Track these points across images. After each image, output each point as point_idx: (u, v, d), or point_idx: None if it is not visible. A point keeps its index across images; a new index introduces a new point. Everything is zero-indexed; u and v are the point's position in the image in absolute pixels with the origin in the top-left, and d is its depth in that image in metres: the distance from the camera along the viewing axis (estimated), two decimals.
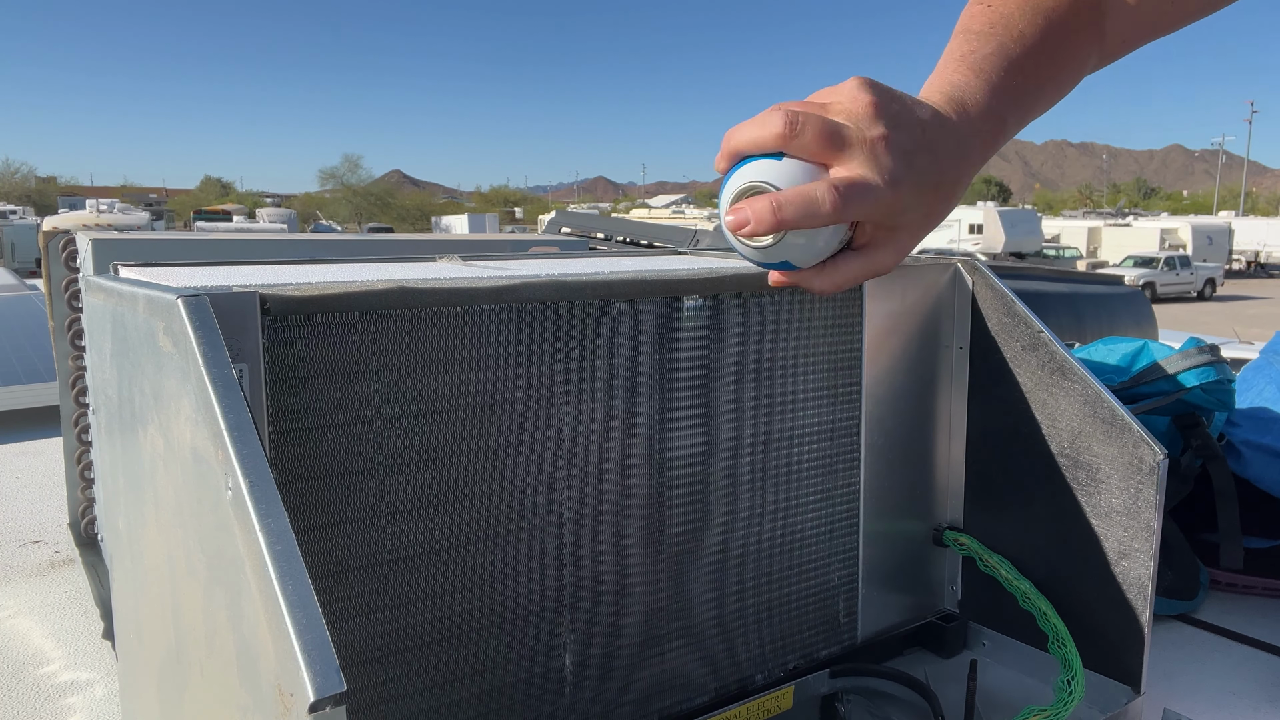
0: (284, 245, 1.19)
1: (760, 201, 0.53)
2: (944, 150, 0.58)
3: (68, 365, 1.09)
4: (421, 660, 0.65)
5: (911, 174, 0.55)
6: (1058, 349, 0.84)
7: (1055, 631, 0.83)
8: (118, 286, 0.60)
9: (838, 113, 0.55)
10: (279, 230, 14.77)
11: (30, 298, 2.65)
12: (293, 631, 0.37)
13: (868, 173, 0.54)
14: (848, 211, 0.53)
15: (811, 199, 0.53)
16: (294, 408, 0.58)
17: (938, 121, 0.58)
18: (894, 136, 0.55)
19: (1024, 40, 0.66)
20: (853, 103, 0.55)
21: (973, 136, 0.61)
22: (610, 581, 0.74)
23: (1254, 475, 1.10)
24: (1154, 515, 0.79)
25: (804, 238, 0.55)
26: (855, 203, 0.53)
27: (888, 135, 0.54)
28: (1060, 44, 0.68)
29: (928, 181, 0.57)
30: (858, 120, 0.55)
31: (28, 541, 1.31)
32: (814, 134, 0.54)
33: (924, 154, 0.56)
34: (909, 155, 0.55)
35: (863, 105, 0.55)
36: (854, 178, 0.54)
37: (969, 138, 0.60)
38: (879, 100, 0.55)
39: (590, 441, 0.71)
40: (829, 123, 0.54)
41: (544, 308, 0.68)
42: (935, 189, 0.58)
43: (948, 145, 0.58)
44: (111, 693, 0.91)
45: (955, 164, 0.59)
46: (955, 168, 0.59)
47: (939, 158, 0.57)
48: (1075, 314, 2.15)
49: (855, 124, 0.55)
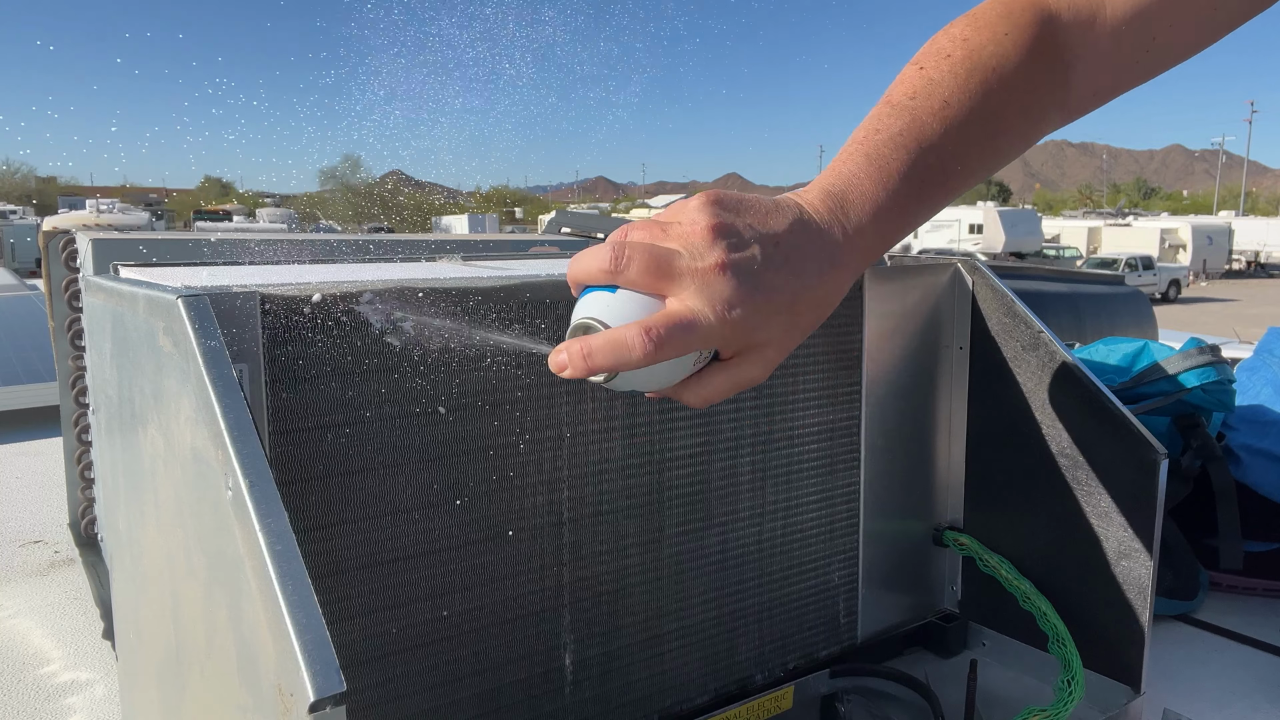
0: (284, 245, 1.19)
1: (574, 347, 0.51)
2: (804, 263, 0.54)
3: (68, 365, 1.09)
4: (421, 660, 0.65)
5: (757, 295, 0.52)
6: (1058, 349, 0.84)
7: (1055, 631, 0.83)
8: (118, 286, 0.60)
9: (675, 238, 0.52)
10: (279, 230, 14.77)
11: (30, 298, 2.65)
12: (293, 631, 0.37)
13: (697, 305, 0.51)
14: (664, 353, 0.50)
15: (621, 345, 0.50)
16: (294, 408, 0.58)
17: (800, 230, 0.54)
18: (732, 260, 0.51)
19: (947, 111, 0.60)
20: (691, 226, 0.52)
21: (852, 239, 0.56)
22: (610, 581, 0.74)
23: (1253, 480, 1.10)
24: (1154, 515, 0.79)
25: (643, 371, 0.52)
26: (674, 343, 0.50)
27: (723, 261, 0.51)
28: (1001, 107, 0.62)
29: (780, 300, 0.53)
30: (692, 246, 0.51)
31: (28, 541, 1.31)
32: (640, 267, 0.51)
33: (774, 272, 0.52)
34: (753, 276, 0.52)
35: (700, 230, 0.52)
36: (674, 316, 0.50)
37: (844, 243, 0.56)
38: (719, 222, 0.52)
39: (590, 441, 0.71)
40: (656, 254, 0.51)
41: (544, 308, 0.68)
42: (791, 306, 0.53)
43: (811, 256, 0.54)
44: (111, 693, 0.91)
45: (820, 275, 0.54)
46: (820, 279, 0.54)
47: (796, 272, 0.53)
48: (1075, 314, 2.15)
49: (689, 250, 0.51)
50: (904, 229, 0.59)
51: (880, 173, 0.57)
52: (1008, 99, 0.62)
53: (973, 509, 0.94)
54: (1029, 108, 0.64)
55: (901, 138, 0.59)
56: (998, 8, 0.65)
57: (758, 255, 0.52)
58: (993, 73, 0.62)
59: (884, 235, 0.58)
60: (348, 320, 0.60)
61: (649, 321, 0.50)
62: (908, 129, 0.59)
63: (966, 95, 0.61)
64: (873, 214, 0.56)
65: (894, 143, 0.58)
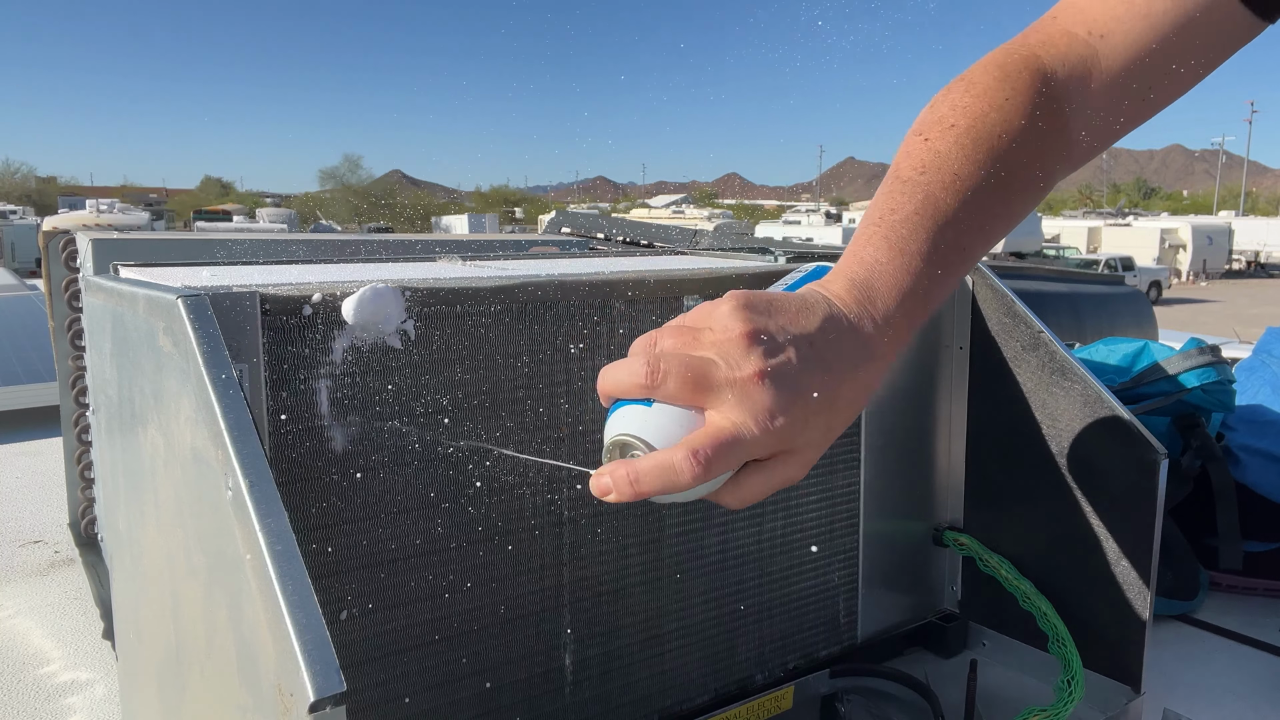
0: (284, 245, 1.19)
1: (620, 471, 0.50)
2: (840, 360, 0.53)
3: (68, 365, 1.09)
4: (421, 660, 0.65)
5: (798, 401, 0.50)
6: (1058, 349, 0.84)
7: (1055, 631, 0.83)
8: (118, 286, 0.60)
9: (709, 345, 0.51)
10: (279, 230, 14.77)
11: (30, 298, 2.65)
12: (293, 631, 0.37)
13: (739, 418, 0.49)
14: (714, 472, 0.49)
15: (669, 469, 0.49)
16: (294, 408, 0.58)
17: (832, 327, 0.53)
18: (770, 367, 0.50)
19: (959, 184, 0.59)
20: (724, 333, 0.51)
21: (882, 329, 0.55)
22: (610, 581, 0.74)
23: (1252, 480, 1.10)
24: (1154, 515, 0.79)
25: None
26: (722, 461, 0.49)
27: (763, 370, 0.49)
28: (1010, 173, 0.61)
29: (820, 402, 0.51)
30: (728, 355, 0.50)
31: (28, 541, 1.31)
32: (678, 381, 0.50)
33: (812, 374, 0.51)
34: (792, 382, 0.50)
35: (734, 337, 0.50)
36: (720, 434, 0.49)
37: (875, 335, 0.54)
38: (753, 328, 0.50)
39: (590, 442, 0.71)
40: (694, 365, 0.50)
41: (544, 308, 0.68)
42: (830, 406, 0.52)
43: (845, 353, 0.53)
44: (111, 693, 0.91)
45: (855, 371, 0.53)
46: (855, 374, 0.53)
47: (833, 372, 0.52)
48: (1075, 314, 2.15)
49: (725, 359, 0.50)
50: (930, 309, 0.58)
51: (902, 256, 0.56)
52: (1016, 164, 0.61)
53: (973, 509, 0.94)
54: (1037, 168, 0.63)
55: (918, 217, 0.58)
56: (994, 71, 0.64)
57: (794, 359, 0.51)
58: (999, 140, 0.61)
59: (912, 319, 0.57)
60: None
61: (695, 443, 0.49)
62: (923, 207, 0.58)
63: (975, 166, 0.60)
64: (899, 301, 0.56)
65: (911, 223, 0.58)
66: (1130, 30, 0.64)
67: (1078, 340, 1.59)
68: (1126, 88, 0.65)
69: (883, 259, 0.56)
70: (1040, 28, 0.67)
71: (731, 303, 0.52)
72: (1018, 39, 0.67)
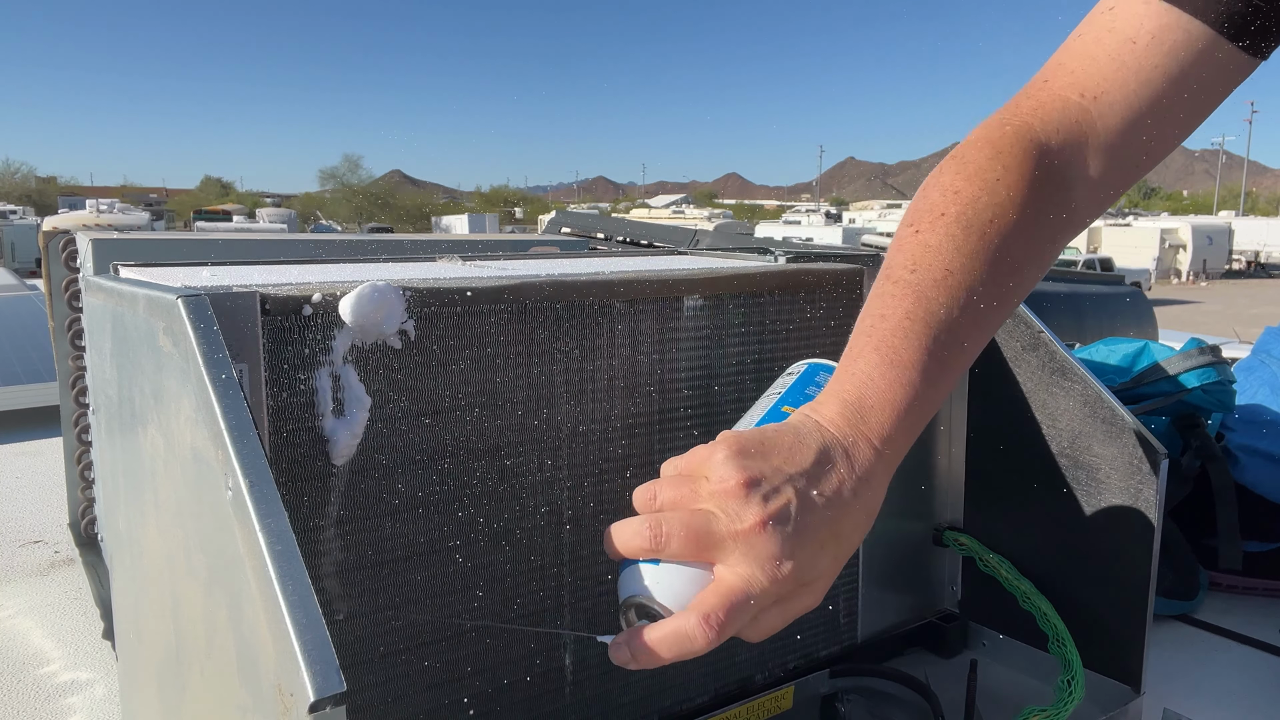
0: (284, 245, 1.19)
1: (637, 640, 0.50)
2: (839, 490, 0.52)
3: (68, 365, 1.09)
4: (421, 660, 0.65)
5: (803, 541, 0.50)
6: (1058, 349, 0.84)
7: (1055, 631, 0.83)
8: (118, 286, 0.60)
9: (707, 497, 0.51)
10: (279, 230, 14.78)
11: (30, 298, 2.65)
12: (293, 631, 0.37)
13: (747, 570, 0.49)
14: (727, 633, 0.49)
15: (684, 637, 0.49)
16: (294, 408, 0.58)
17: (827, 457, 0.52)
18: (770, 513, 0.49)
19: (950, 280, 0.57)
20: (720, 484, 0.50)
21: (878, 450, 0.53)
22: (610, 581, 0.74)
23: (1251, 481, 1.10)
24: (1154, 515, 0.79)
25: None
26: (735, 621, 0.49)
27: (762, 517, 0.49)
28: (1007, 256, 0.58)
29: (825, 535, 0.51)
30: (727, 507, 0.50)
31: (28, 541, 1.31)
32: (681, 541, 0.50)
33: (813, 511, 0.51)
34: (795, 523, 0.50)
35: (731, 487, 0.50)
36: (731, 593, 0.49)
37: (871, 457, 0.53)
38: (748, 476, 0.50)
39: (590, 441, 0.71)
40: (694, 524, 0.50)
41: (544, 308, 0.68)
42: (836, 537, 0.52)
43: (844, 481, 0.52)
44: (111, 693, 0.91)
45: (856, 496, 0.52)
46: (856, 499, 0.52)
47: (834, 503, 0.51)
48: (1075, 314, 2.16)
49: (725, 512, 0.50)
50: (928, 416, 0.56)
51: (893, 368, 0.54)
52: (1012, 245, 0.59)
53: (973, 509, 0.94)
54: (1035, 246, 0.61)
55: (909, 321, 0.56)
56: (985, 149, 0.62)
57: (794, 499, 0.50)
58: (991, 225, 0.58)
59: (910, 430, 0.55)
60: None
61: (707, 606, 0.49)
62: (913, 310, 0.56)
63: (967, 257, 0.57)
64: (893, 417, 0.54)
65: (901, 329, 0.55)
66: (1124, 89, 0.62)
67: (1078, 340, 1.59)
68: (1125, 146, 0.63)
69: (874, 374, 0.55)
70: (1032, 93, 0.65)
71: (725, 450, 0.52)
72: (1009, 106, 0.65)
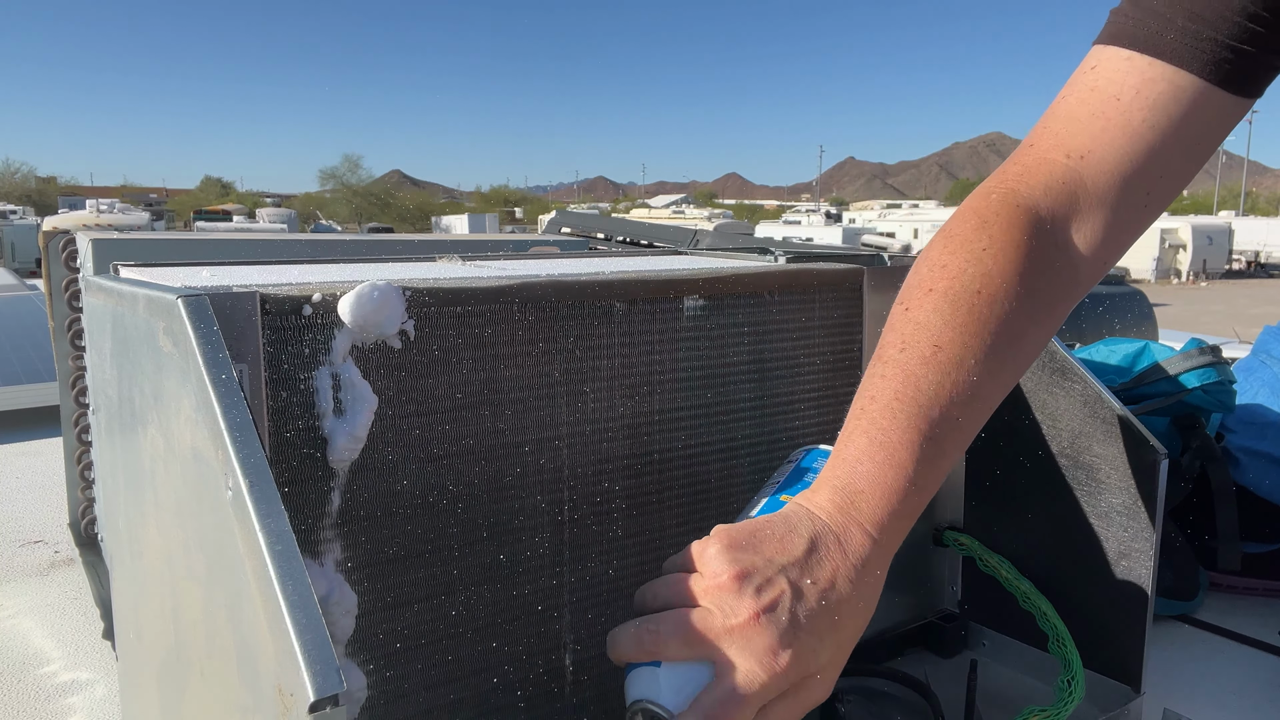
0: (284, 245, 1.19)
1: None
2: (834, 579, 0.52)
3: (68, 365, 1.09)
4: (421, 660, 0.65)
5: (800, 633, 0.50)
6: (1058, 349, 0.84)
7: (1055, 631, 0.83)
8: (118, 286, 0.60)
9: (702, 593, 0.51)
10: (279, 230, 14.78)
11: (30, 298, 2.65)
12: (293, 631, 0.37)
13: (745, 665, 0.49)
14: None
15: None
16: (294, 408, 0.58)
17: (819, 547, 0.52)
18: (764, 606, 0.50)
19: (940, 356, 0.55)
20: (714, 579, 0.51)
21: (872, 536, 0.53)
22: (610, 581, 0.74)
23: (1251, 481, 1.10)
24: (1154, 515, 0.79)
25: None
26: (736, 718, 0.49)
27: (756, 611, 0.49)
28: (1000, 326, 0.57)
29: (823, 625, 0.51)
30: (721, 602, 0.50)
31: (28, 541, 1.31)
32: (679, 642, 0.50)
33: (807, 602, 0.51)
34: (790, 615, 0.50)
35: (724, 582, 0.50)
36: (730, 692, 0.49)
37: (866, 543, 0.53)
38: (740, 570, 0.50)
39: (590, 441, 0.71)
40: (688, 625, 0.50)
41: (544, 308, 0.68)
42: (834, 626, 0.51)
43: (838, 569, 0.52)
44: (111, 693, 0.91)
45: (852, 583, 0.52)
46: (853, 587, 0.52)
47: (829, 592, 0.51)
48: (1075, 314, 2.15)
49: (719, 608, 0.50)
50: (925, 499, 0.55)
51: (883, 452, 0.54)
52: (1005, 314, 0.57)
53: (973, 509, 0.94)
54: (1033, 309, 0.59)
55: (898, 402, 0.55)
56: (971, 220, 0.61)
57: (788, 591, 0.50)
58: (978, 296, 0.57)
59: (906, 515, 0.54)
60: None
61: (706, 709, 0.49)
62: (903, 390, 0.55)
63: (956, 330, 0.56)
64: (885, 499, 0.53)
65: (891, 411, 0.55)
66: (1112, 146, 0.61)
67: (1078, 340, 1.59)
68: (1122, 201, 0.62)
69: (864, 459, 0.54)
70: (1018, 159, 0.64)
71: (717, 544, 0.52)
72: (996, 175, 0.64)
